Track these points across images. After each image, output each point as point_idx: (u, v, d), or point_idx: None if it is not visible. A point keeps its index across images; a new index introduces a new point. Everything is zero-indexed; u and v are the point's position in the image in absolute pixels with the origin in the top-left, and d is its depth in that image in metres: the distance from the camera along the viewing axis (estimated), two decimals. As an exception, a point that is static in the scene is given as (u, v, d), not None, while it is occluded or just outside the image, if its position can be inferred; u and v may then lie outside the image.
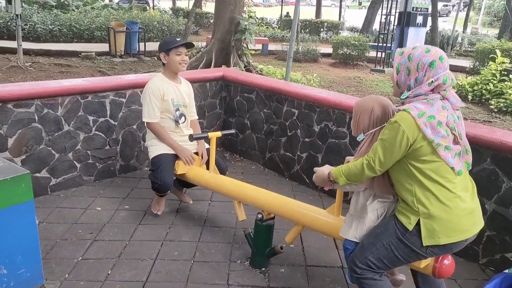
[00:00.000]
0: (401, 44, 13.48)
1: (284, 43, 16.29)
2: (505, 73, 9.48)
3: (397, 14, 13.35)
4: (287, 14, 25.36)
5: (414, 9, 13.30)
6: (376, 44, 13.37)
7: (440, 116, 1.83)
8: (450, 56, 12.14)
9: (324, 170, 2.21)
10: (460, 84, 10.09)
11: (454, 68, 12.35)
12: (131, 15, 16.59)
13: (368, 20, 19.64)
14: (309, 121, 4.09)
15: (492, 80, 9.49)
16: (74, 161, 3.90)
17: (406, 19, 13.27)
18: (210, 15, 22.32)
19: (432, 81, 1.85)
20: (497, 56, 10.17)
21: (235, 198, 3.03)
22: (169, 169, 3.27)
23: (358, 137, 2.18)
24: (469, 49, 18.54)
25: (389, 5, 13.03)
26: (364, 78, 11.90)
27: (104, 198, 3.78)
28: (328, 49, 15.86)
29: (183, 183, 3.62)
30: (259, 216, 2.81)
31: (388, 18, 13.78)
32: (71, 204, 3.64)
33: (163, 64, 3.36)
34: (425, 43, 17.64)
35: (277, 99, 4.38)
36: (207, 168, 3.36)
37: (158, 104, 3.29)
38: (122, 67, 11.26)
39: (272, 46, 15.83)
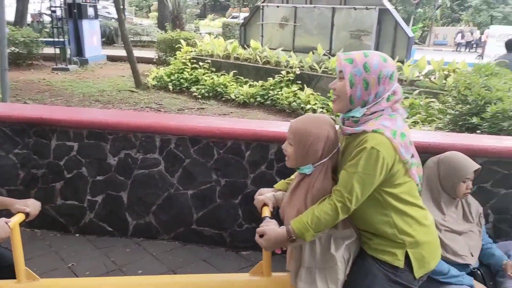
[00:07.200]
0: (78, 37, 12.48)
1: None
2: (194, 61, 10.24)
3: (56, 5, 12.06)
4: None
5: (84, 1, 12.47)
6: (52, 39, 11.82)
7: (408, 132, 1.61)
8: (122, 47, 11.86)
9: (277, 230, 1.63)
10: (157, 75, 10.27)
11: (142, 60, 12.41)
12: None
13: (21, 13, 17.05)
14: (99, 153, 3.09)
15: (185, 69, 10.07)
16: None
17: (78, 12, 12.29)
18: None
19: (389, 96, 1.59)
20: (182, 46, 10.87)
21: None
22: None
23: (302, 170, 1.68)
24: (132, 39, 19.08)
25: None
26: (52, 79, 10.36)
27: None
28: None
29: None
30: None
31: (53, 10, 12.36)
32: None
33: None
34: (107, 36, 17.16)
35: (38, 133, 3.08)
36: (2, 276, 2.00)
37: None
38: None
39: None
